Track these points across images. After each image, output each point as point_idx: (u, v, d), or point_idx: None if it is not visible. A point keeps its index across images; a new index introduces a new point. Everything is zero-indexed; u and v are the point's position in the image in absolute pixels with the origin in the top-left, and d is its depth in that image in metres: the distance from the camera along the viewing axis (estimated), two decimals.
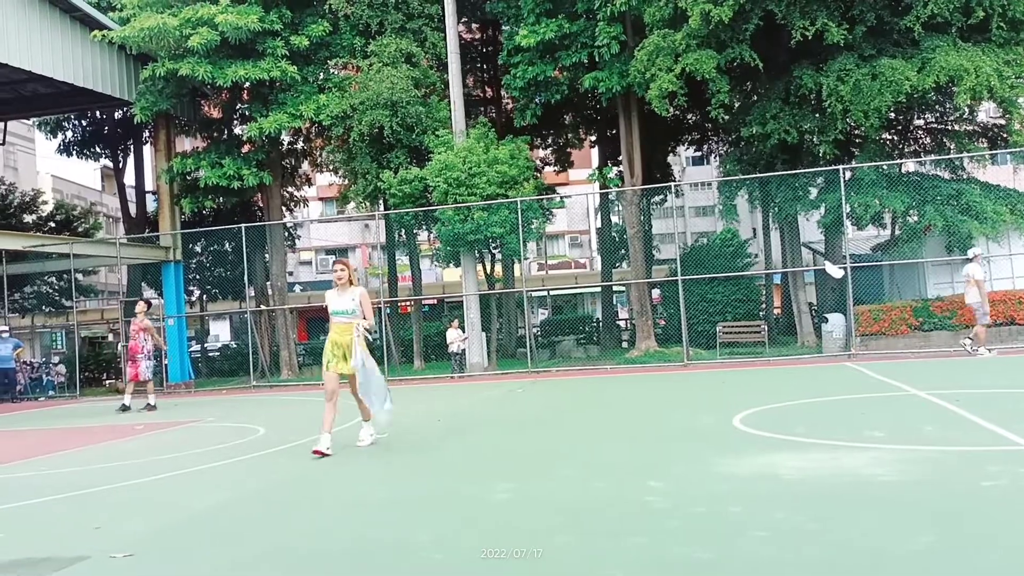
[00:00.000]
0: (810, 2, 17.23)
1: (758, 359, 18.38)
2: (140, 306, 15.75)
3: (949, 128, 21.09)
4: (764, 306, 24.96)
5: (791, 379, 13.70)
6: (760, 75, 19.08)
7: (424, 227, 22.57)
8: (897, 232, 20.86)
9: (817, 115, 18.62)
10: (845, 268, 17.97)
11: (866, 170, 18.43)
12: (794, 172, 19.22)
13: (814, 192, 20.06)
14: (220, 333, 44.53)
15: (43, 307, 31.52)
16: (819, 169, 18.96)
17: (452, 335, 20.06)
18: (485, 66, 26.80)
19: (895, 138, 21.63)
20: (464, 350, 19.99)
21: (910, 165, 21.04)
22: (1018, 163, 20.28)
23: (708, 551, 4.08)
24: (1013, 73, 16.96)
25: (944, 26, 17.19)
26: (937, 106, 20.43)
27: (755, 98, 20.45)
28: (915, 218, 18.67)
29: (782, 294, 25.38)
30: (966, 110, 19.33)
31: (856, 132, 19.73)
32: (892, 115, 19.54)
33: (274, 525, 5.29)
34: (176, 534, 5.18)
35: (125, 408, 15.09)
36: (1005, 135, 19.42)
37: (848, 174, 18.61)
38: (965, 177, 19.84)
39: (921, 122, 21.83)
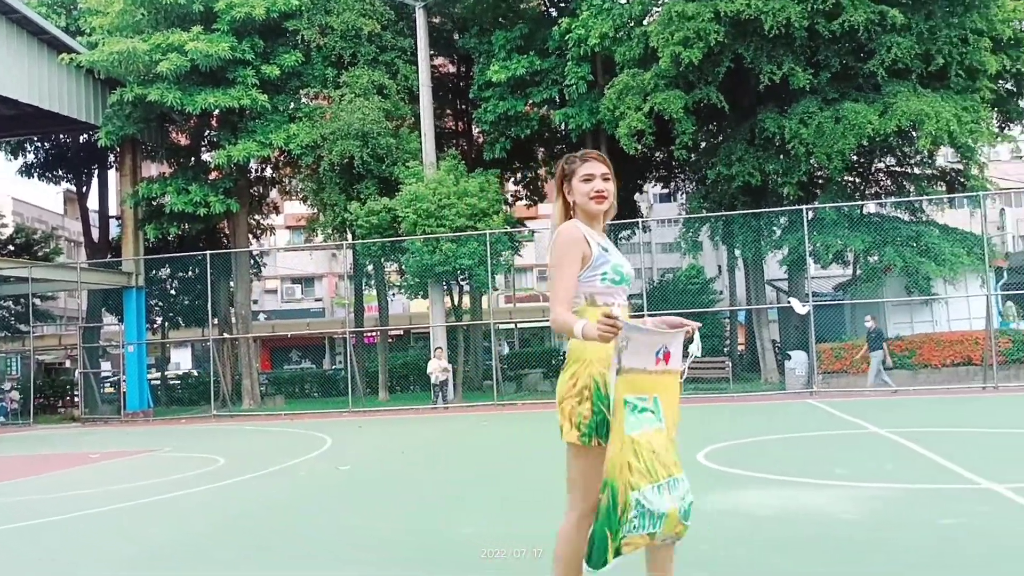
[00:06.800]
0: (777, 47, 17.63)
1: (722, 395, 18.49)
2: None
3: (909, 171, 21.63)
4: (728, 342, 25.17)
5: (755, 415, 13.79)
6: (727, 117, 19.42)
7: (392, 258, 22.47)
8: (858, 272, 21.21)
9: (782, 157, 18.96)
10: (809, 305, 18.19)
11: (828, 211, 18.77)
12: (758, 212, 19.50)
13: (778, 231, 20.34)
14: (181, 361, 43.76)
15: None
16: (782, 209, 19.27)
17: (433, 365, 19.63)
18: (456, 100, 26.97)
19: (857, 180, 22.08)
20: (445, 380, 19.61)
21: (871, 207, 21.46)
22: (975, 207, 20.75)
23: None
24: (970, 119, 17.43)
25: (905, 72, 17.68)
26: (898, 150, 20.91)
27: (721, 139, 20.79)
28: (876, 258, 19.00)
29: (746, 331, 25.61)
30: (926, 154, 19.83)
31: (819, 174, 20.11)
32: (854, 157, 19.96)
33: (232, 561, 5.18)
34: (133, 568, 5.05)
35: None
36: (963, 179, 19.93)
37: (811, 214, 18.93)
38: (924, 219, 20.29)
39: (882, 165, 22.33)
